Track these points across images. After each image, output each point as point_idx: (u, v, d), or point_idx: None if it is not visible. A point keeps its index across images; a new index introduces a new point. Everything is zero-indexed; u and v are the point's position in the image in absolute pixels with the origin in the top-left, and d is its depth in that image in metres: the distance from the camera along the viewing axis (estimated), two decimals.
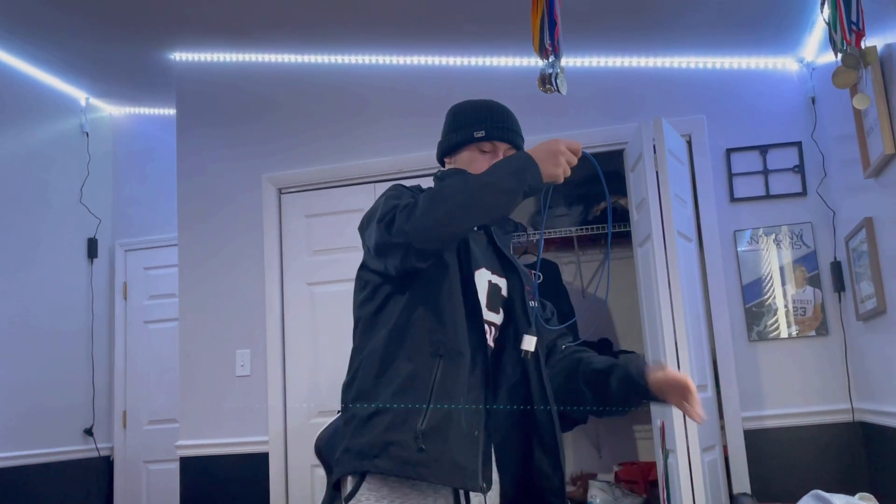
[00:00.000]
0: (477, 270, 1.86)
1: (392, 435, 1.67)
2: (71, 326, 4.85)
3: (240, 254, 4.22)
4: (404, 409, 1.68)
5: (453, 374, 1.72)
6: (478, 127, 1.94)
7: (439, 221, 1.64)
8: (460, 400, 1.72)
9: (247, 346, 4.12)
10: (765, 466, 3.55)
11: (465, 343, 1.75)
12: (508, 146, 1.95)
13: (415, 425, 1.67)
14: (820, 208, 3.64)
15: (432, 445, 1.67)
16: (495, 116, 1.96)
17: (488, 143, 1.94)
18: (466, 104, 2.03)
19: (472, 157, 1.95)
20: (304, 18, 3.86)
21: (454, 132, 1.99)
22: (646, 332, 3.63)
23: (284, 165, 4.25)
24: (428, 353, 1.73)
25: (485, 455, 1.78)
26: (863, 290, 3.20)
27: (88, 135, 5.12)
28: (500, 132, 1.94)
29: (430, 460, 1.66)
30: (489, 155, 1.94)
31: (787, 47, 3.71)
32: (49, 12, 3.90)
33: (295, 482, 3.98)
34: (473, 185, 1.68)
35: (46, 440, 4.57)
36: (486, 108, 1.98)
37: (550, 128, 3.91)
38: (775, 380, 3.60)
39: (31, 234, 4.63)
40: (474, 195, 1.67)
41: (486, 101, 2.01)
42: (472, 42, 3.99)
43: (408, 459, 1.65)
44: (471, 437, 1.74)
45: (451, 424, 1.70)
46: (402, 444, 1.66)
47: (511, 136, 1.96)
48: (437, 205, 1.65)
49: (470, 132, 1.95)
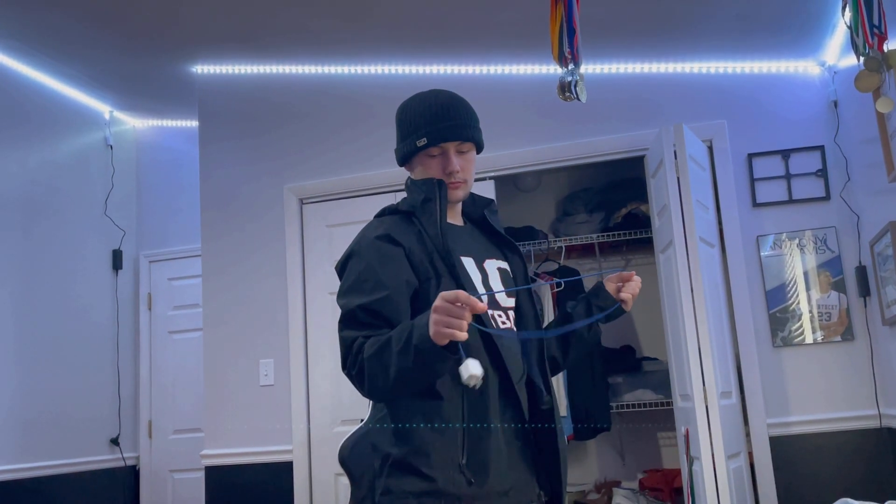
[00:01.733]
0: (487, 260, 1.88)
1: (436, 473, 1.66)
2: (96, 337, 4.90)
3: (262, 264, 4.25)
4: (442, 445, 1.67)
5: (481, 395, 1.71)
6: (418, 134, 1.82)
7: (385, 394, 1.67)
8: (495, 419, 1.71)
9: (270, 355, 4.15)
10: (791, 473, 3.52)
11: (486, 359, 1.72)
12: (458, 143, 1.83)
13: (457, 460, 1.67)
14: (844, 212, 3.61)
15: (478, 476, 1.67)
16: (435, 115, 1.82)
17: (435, 147, 1.82)
18: (408, 105, 1.88)
19: (424, 166, 1.84)
20: (323, 30, 3.89)
21: (401, 142, 1.87)
22: (669, 339, 3.61)
23: (306, 176, 4.27)
24: (450, 383, 1.70)
25: (533, 463, 1.78)
26: (888, 295, 3.17)
27: (112, 147, 5.18)
28: (443, 133, 1.81)
29: (478, 493, 1.66)
30: (439, 159, 1.83)
31: (809, 51, 3.69)
32: (73, 27, 3.95)
33: (319, 491, 3.99)
34: (392, 370, 1.58)
35: (73, 450, 4.62)
36: (425, 109, 1.83)
37: (571, 135, 3.91)
38: (800, 386, 3.56)
39: (56, 245, 4.69)
40: (398, 379, 1.59)
41: (426, 100, 1.86)
42: (490, 50, 4.00)
43: (460, 496, 1.65)
44: (512, 452, 1.74)
45: (491, 449, 1.69)
46: (451, 481, 1.66)
47: (457, 133, 1.82)
48: (376, 381, 1.62)
49: (412, 142, 1.83)
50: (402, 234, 1.79)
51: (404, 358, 1.55)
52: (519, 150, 3.98)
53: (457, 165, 1.82)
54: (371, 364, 1.62)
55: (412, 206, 1.86)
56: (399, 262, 1.75)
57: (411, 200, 1.87)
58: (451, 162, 1.82)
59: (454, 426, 1.68)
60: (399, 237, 1.78)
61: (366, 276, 1.73)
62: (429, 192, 1.83)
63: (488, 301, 1.81)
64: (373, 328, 1.67)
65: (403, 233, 1.80)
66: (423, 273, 1.76)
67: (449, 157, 1.82)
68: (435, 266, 1.76)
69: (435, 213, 1.81)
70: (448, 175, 1.83)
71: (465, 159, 1.85)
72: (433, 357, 1.53)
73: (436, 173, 1.83)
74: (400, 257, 1.76)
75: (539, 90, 3.93)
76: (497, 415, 1.72)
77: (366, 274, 1.73)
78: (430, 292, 1.73)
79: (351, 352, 1.67)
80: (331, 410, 4.02)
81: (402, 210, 1.87)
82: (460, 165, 1.83)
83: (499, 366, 1.75)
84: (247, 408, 4.13)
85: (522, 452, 1.77)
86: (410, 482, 1.67)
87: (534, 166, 4.03)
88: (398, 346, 1.57)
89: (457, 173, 1.83)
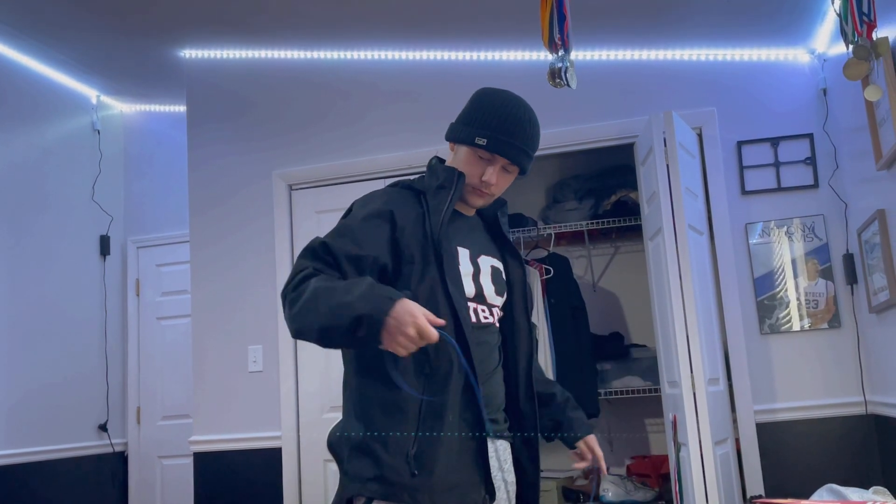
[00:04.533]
0: (480, 257, 1.89)
1: (386, 459, 1.69)
2: (84, 323, 4.89)
3: (251, 250, 4.23)
4: (396, 435, 1.70)
5: (442, 392, 1.72)
6: (483, 133, 1.83)
7: (303, 330, 1.63)
8: (449, 416, 1.72)
9: (259, 341, 4.14)
10: (777, 459, 3.54)
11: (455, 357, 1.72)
12: (508, 162, 1.85)
13: (406, 450, 1.69)
14: (832, 200, 3.62)
15: (423, 469, 1.68)
16: (508, 127, 1.83)
17: (488, 153, 1.84)
18: (492, 99, 1.88)
19: (469, 159, 1.86)
20: (313, 15, 3.87)
21: (465, 125, 1.88)
22: (657, 325, 3.63)
23: (295, 162, 4.26)
24: (412, 376, 1.72)
25: (484, 463, 1.79)
26: (875, 283, 3.19)
27: (100, 132, 5.14)
28: (503, 147, 1.83)
29: (423, 484, 1.68)
30: (486, 163, 1.85)
31: (798, 39, 3.69)
32: (60, 10, 3.92)
33: (308, 476, 4.00)
34: (322, 309, 1.58)
35: (61, 436, 4.61)
36: (504, 114, 1.84)
37: (561, 122, 3.91)
38: (787, 373, 3.59)
39: (43, 231, 4.66)
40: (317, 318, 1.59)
41: (508, 106, 1.86)
42: (481, 37, 3.99)
43: (404, 485, 1.67)
44: (465, 452, 1.75)
45: (442, 444, 1.71)
46: (397, 470, 1.68)
47: (514, 154, 1.84)
48: (297, 309, 1.62)
49: (473, 134, 1.84)
50: (403, 213, 1.80)
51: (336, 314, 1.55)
52: None
53: (494, 179, 1.86)
54: (311, 296, 1.60)
55: (425, 188, 1.87)
56: (381, 239, 1.76)
57: (428, 181, 1.89)
58: (492, 174, 1.85)
59: (411, 416, 1.70)
60: (399, 215, 1.79)
61: (346, 230, 1.75)
62: (447, 181, 1.85)
63: (475, 293, 1.84)
64: (326, 266, 1.69)
65: (406, 211, 1.81)
66: (408, 255, 1.76)
67: (495, 169, 1.86)
68: (424, 251, 1.77)
69: (444, 202, 1.82)
70: (482, 184, 1.86)
71: (506, 178, 1.90)
72: (356, 340, 1.56)
73: (473, 172, 1.86)
74: (384, 235, 1.76)
75: (529, 76, 3.91)
76: (456, 413, 1.73)
77: (347, 228, 1.76)
78: (410, 274, 1.74)
79: (296, 277, 1.67)
80: (319, 397, 4.03)
81: (416, 188, 1.89)
82: (497, 180, 1.87)
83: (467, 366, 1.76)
84: (235, 394, 4.13)
85: (477, 453, 1.77)
86: (364, 466, 1.70)
87: None
88: (341, 297, 1.56)
89: (491, 186, 1.87)
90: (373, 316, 1.51)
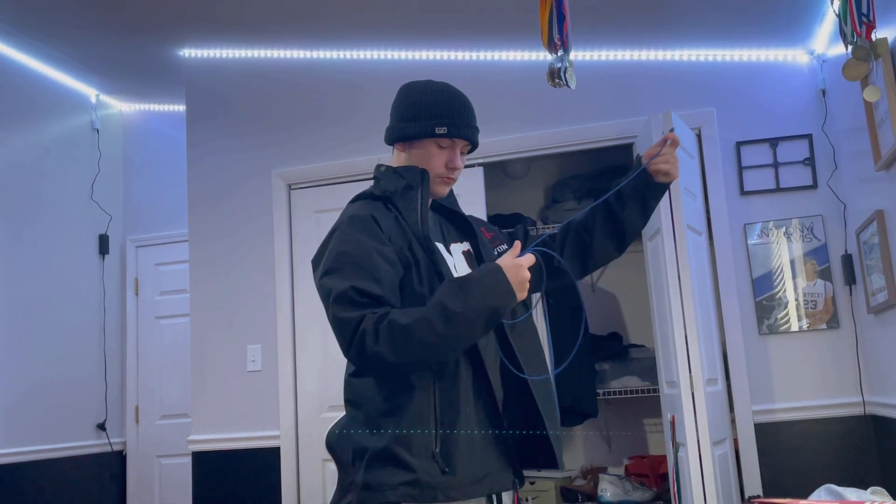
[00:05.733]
0: (452, 244, 1.90)
1: (414, 462, 1.67)
2: (83, 322, 4.88)
3: (250, 249, 4.23)
4: (417, 435, 1.69)
5: (452, 385, 1.72)
6: (440, 122, 1.84)
7: (411, 363, 1.64)
8: (467, 409, 1.72)
9: (258, 341, 4.14)
10: (775, 460, 3.54)
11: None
12: (466, 143, 1.89)
13: (431, 449, 1.68)
14: (831, 201, 3.63)
15: (451, 465, 1.68)
16: (459, 111, 1.86)
17: (449, 140, 1.86)
18: (427, 91, 1.89)
19: (430, 152, 1.86)
20: (312, 14, 3.87)
21: (412, 121, 1.86)
22: (656, 325, 3.63)
23: (294, 161, 4.26)
24: (420, 372, 1.71)
25: (507, 450, 1.79)
26: (874, 283, 3.19)
27: (99, 132, 5.14)
28: (463, 131, 1.86)
29: (453, 481, 1.68)
30: (447, 152, 1.86)
31: (798, 39, 3.70)
32: (59, 9, 3.91)
33: (306, 476, 4.00)
34: (448, 321, 1.59)
35: (60, 435, 4.61)
36: (449, 100, 1.87)
37: (560, 122, 3.91)
38: (786, 373, 3.59)
39: (42, 230, 4.66)
40: (450, 336, 1.60)
41: (448, 92, 1.89)
42: (480, 36, 3.99)
43: (435, 484, 1.67)
44: (486, 440, 1.75)
45: (462, 437, 1.70)
46: (427, 470, 1.67)
47: (471, 134, 1.88)
48: (407, 346, 1.60)
49: (431, 126, 1.84)
50: (382, 219, 1.80)
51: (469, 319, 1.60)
52: (508, 136, 3.97)
53: (461, 162, 1.89)
54: (404, 331, 1.59)
55: (387, 192, 1.86)
56: (391, 255, 1.75)
57: (386, 186, 1.87)
58: (458, 159, 1.88)
59: (427, 416, 1.69)
60: (382, 224, 1.79)
61: (358, 263, 1.72)
62: (412, 179, 1.85)
63: None
64: (370, 307, 1.67)
65: (384, 220, 1.81)
66: (403, 260, 1.76)
67: (456, 154, 1.88)
68: (413, 253, 1.77)
69: (416, 200, 1.83)
70: (450, 170, 1.88)
71: (462, 160, 1.92)
72: (495, 316, 1.63)
73: (437, 163, 1.87)
74: (386, 240, 1.77)
75: (529, 77, 3.92)
76: (470, 403, 1.73)
77: (356, 254, 1.73)
78: (411, 280, 1.74)
79: (357, 331, 1.63)
80: (318, 396, 4.02)
81: (377, 196, 1.87)
82: (461, 163, 1.90)
83: (472, 354, 1.75)
84: (234, 393, 4.12)
85: (497, 440, 1.78)
86: (389, 473, 1.68)
87: (523, 153, 4.02)
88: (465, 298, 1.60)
89: (457, 170, 1.89)
90: (504, 297, 1.62)
